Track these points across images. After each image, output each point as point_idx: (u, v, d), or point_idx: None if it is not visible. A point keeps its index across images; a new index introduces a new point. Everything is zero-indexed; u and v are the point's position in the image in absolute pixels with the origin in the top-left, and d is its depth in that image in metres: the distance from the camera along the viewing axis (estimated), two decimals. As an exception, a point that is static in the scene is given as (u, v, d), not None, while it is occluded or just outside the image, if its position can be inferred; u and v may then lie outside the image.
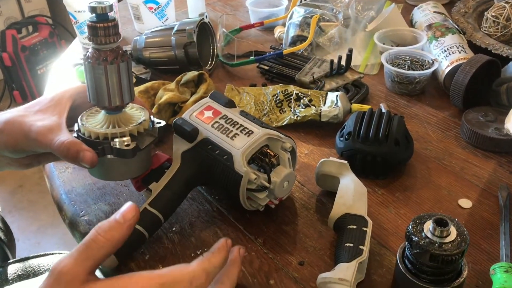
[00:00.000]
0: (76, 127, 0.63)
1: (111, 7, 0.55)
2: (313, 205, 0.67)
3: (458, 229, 0.49)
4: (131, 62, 0.59)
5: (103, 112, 0.61)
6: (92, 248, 0.43)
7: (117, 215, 0.45)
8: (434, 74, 0.89)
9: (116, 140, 0.58)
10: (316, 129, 0.81)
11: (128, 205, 0.46)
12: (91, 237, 0.43)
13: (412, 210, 0.65)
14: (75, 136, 0.60)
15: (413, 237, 0.49)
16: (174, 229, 0.65)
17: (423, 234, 0.49)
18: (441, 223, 0.49)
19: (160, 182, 0.63)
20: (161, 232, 0.64)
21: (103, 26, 0.55)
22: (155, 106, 0.82)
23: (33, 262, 0.97)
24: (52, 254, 1.04)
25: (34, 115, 0.61)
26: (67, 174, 0.76)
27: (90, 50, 0.57)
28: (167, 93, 0.86)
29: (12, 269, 0.92)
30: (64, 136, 0.57)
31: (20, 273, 0.91)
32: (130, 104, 0.65)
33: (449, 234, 0.49)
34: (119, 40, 0.57)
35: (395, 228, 0.63)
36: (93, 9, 0.54)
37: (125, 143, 0.58)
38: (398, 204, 0.66)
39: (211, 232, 0.64)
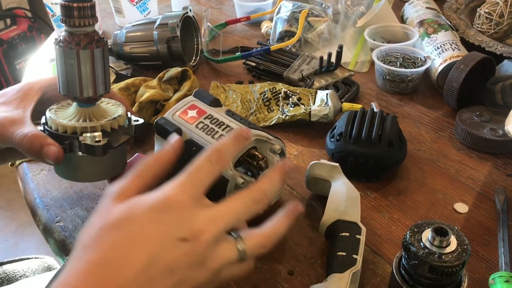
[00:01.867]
0: (43, 120, 0.57)
1: None
2: (303, 210, 0.64)
3: (458, 238, 0.46)
4: (107, 49, 0.55)
5: (74, 104, 0.57)
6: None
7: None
8: (427, 72, 0.86)
9: (87, 135, 0.54)
10: (306, 129, 0.78)
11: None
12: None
13: (407, 215, 0.62)
14: (41, 130, 0.55)
15: (411, 247, 0.46)
16: (155, 236, 0.61)
17: (421, 243, 0.46)
18: (440, 232, 0.46)
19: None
20: (142, 239, 0.60)
21: (78, 6, 0.49)
22: (136, 104, 0.78)
23: (8, 268, 0.92)
24: (28, 258, 0.99)
25: None
26: (42, 176, 0.71)
27: (62, 33, 0.52)
28: (148, 90, 0.81)
29: (-16, 276, 0.87)
30: (27, 129, 0.53)
31: (-7, 280, 0.87)
32: (107, 99, 0.61)
33: (449, 244, 0.46)
34: (95, 24, 0.52)
35: (389, 234, 0.60)
36: None
37: (96, 139, 0.53)
38: (391, 209, 0.63)
39: (195, 239, 0.60)
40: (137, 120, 0.61)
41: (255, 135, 0.59)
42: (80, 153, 0.55)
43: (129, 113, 0.61)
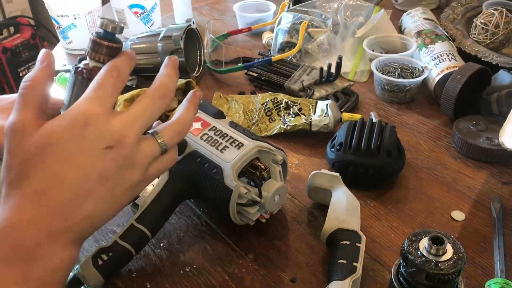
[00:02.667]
0: None
1: (121, 29, 0.48)
2: (305, 218, 0.66)
3: (454, 246, 0.48)
4: None
5: None
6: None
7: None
8: (424, 82, 0.88)
9: None
10: (306, 138, 0.80)
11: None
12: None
13: (405, 223, 0.64)
14: None
15: (409, 256, 0.48)
16: (162, 244, 0.63)
17: (418, 252, 0.48)
18: (437, 241, 0.48)
19: (147, 197, 0.61)
20: (149, 248, 0.62)
21: (108, 46, 0.48)
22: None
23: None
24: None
25: None
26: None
27: (84, 63, 0.50)
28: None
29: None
30: None
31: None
32: None
33: (445, 252, 0.48)
34: None
35: (388, 242, 0.62)
36: (104, 25, 0.47)
37: None
38: (390, 217, 0.65)
39: (200, 247, 0.62)
40: None
41: (258, 146, 0.61)
42: None
43: None
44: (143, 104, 0.44)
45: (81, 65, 0.49)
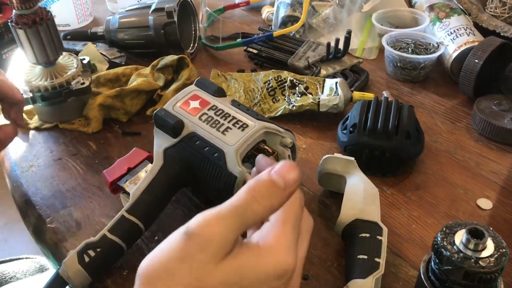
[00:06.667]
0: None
1: None
2: (315, 207, 0.59)
3: (495, 240, 0.42)
4: (53, 22, 0.67)
5: (39, 66, 0.70)
6: (247, 216, 0.32)
7: (273, 175, 0.33)
8: (439, 58, 0.82)
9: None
10: (314, 119, 0.73)
11: (285, 164, 0.34)
12: (247, 201, 0.32)
13: (427, 213, 0.58)
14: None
15: (443, 251, 0.42)
16: (156, 238, 0.56)
17: (454, 247, 0.42)
18: (476, 234, 0.41)
19: (139, 185, 0.54)
20: (141, 242, 0.55)
21: None
22: (114, 90, 0.72)
23: (-4, 269, 0.87)
24: (19, 259, 0.94)
25: None
26: (31, 173, 0.66)
27: (13, 14, 0.65)
28: (139, 78, 0.76)
29: (-29, 279, 0.82)
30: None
31: (-20, 284, 0.82)
32: (66, 54, 0.75)
33: (485, 247, 0.41)
34: (38, 5, 0.65)
35: (409, 233, 0.56)
36: None
37: (81, 82, 0.72)
38: (410, 206, 0.59)
39: (200, 241, 0.55)
40: (83, 83, 0.72)
41: (264, 128, 0.54)
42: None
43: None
44: (307, 241, 0.38)
45: (12, 16, 0.65)
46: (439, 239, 0.43)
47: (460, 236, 0.42)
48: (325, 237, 0.55)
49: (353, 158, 0.57)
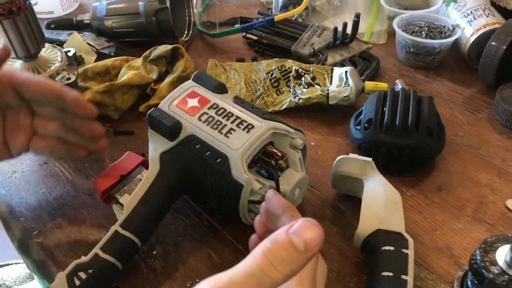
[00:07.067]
0: None
1: None
2: (329, 213, 0.54)
3: (543, 258, 0.37)
4: (32, 11, 0.60)
5: (19, 61, 0.63)
6: (264, 283, 0.28)
7: (293, 236, 0.28)
8: (454, 43, 0.75)
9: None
10: (322, 113, 0.67)
11: (306, 223, 0.29)
12: (264, 267, 0.28)
13: (453, 217, 0.53)
14: None
15: (484, 272, 0.37)
16: (154, 252, 0.50)
17: (497, 267, 0.37)
18: (521, 252, 0.36)
19: (134, 195, 0.48)
20: (138, 258, 0.50)
21: None
22: (104, 85, 0.66)
23: (-17, 278, 0.82)
24: (8, 265, 0.88)
25: None
26: (14, 180, 0.60)
27: None
28: (130, 71, 0.70)
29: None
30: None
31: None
32: (50, 46, 0.67)
33: (533, 267, 0.36)
34: None
35: (433, 241, 0.50)
36: None
37: (66, 77, 0.64)
38: (433, 209, 0.54)
39: (204, 255, 0.50)
40: (69, 79, 0.64)
41: (272, 128, 0.48)
42: None
43: None
44: None
45: None
46: (478, 257, 0.38)
47: (503, 254, 0.37)
48: (341, 248, 0.50)
49: (370, 159, 0.52)
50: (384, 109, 0.57)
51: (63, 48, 0.70)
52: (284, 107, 0.67)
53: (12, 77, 0.50)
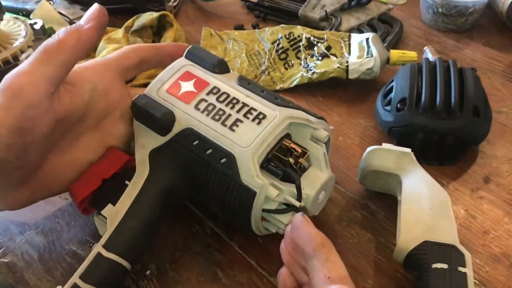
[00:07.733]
0: None
1: None
2: (358, 215, 0.45)
3: None
4: None
5: None
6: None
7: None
8: (489, 1, 0.65)
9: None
10: (340, 89, 0.57)
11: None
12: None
13: (507, 214, 0.44)
14: None
15: None
16: (148, 272, 0.41)
17: None
18: None
19: (119, 205, 0.39)
20: (129, 280, 0.41)
21: None
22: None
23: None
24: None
25: None
26: (-24, 183, 0.50)
27: None
28: (110, 45, 0.59)
29: None
30: None
31: None
32: (10, 18, 0.59)
33: None
34: None
35: (486, 247, 0.42)
36: None
37: None
38: (482, 205, 0.45)
39: (208, 273, 0.41)
40: None
41: (289, 118, 0.38)
42: None
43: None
44: None
45: None
46: None
47: None
48: (375, 259, 0.41)
49: (409, 150, 0.42)
50: (421, 85, 0.47)
51: (29, 19, 0.59)
52: (294, 83, 0.57)
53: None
